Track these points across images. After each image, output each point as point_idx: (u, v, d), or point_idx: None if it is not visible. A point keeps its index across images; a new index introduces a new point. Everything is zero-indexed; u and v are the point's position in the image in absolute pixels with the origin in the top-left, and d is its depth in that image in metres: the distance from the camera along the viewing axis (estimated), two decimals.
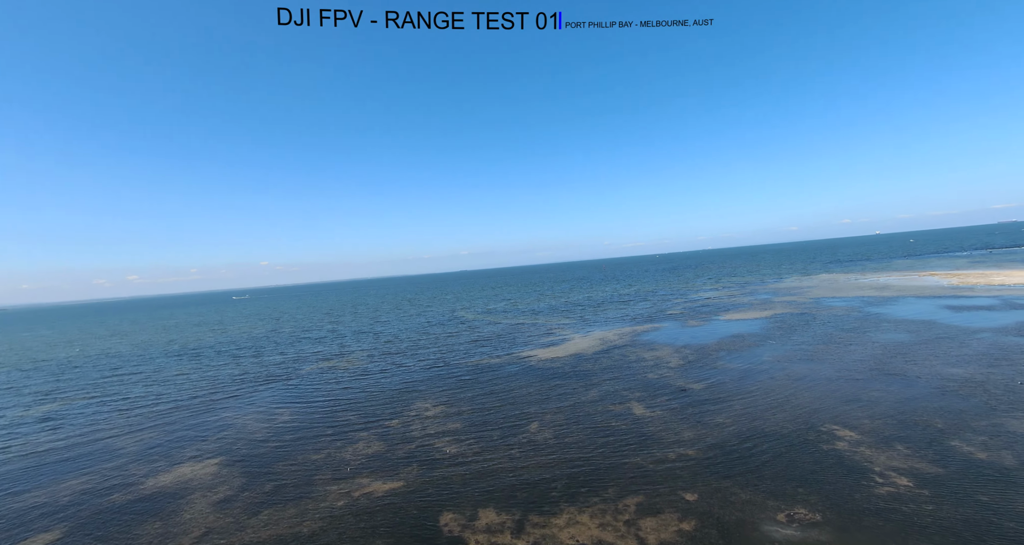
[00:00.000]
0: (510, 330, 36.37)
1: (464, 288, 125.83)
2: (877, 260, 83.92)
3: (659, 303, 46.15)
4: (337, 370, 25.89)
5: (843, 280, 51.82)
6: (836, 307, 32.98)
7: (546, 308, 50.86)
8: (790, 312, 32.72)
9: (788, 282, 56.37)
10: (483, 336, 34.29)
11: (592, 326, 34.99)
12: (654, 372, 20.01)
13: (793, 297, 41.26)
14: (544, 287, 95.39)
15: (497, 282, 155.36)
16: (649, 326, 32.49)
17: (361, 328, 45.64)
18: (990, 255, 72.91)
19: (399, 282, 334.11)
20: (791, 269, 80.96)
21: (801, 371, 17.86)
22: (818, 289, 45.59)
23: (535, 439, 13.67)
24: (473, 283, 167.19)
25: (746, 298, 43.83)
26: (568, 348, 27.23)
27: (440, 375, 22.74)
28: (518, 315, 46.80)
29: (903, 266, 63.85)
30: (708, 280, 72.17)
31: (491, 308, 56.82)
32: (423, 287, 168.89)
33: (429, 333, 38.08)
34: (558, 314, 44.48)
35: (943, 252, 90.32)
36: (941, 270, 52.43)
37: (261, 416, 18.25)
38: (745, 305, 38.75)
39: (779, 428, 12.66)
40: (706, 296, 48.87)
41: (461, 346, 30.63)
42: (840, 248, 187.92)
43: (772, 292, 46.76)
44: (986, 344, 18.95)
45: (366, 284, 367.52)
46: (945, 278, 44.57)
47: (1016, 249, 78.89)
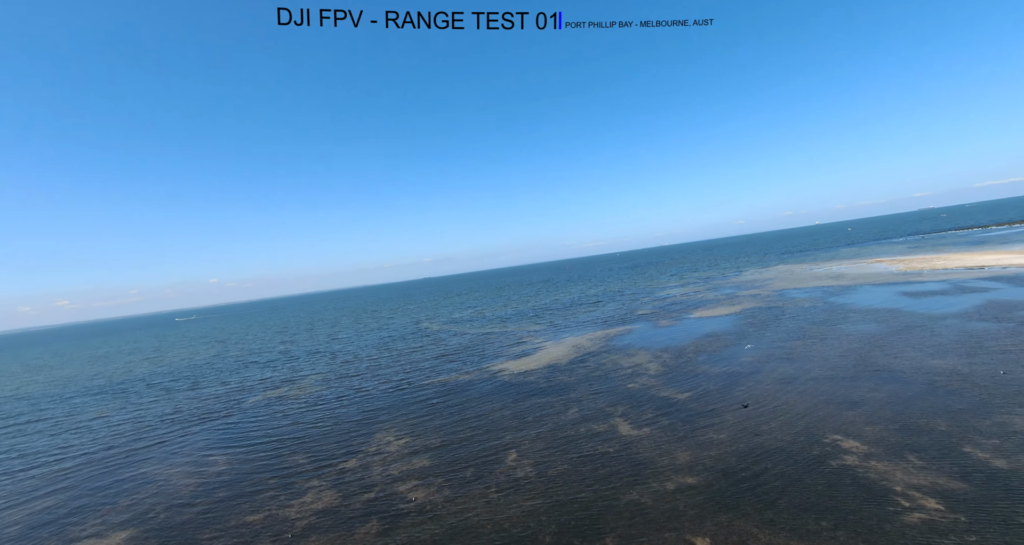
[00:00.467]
0: (478, 341, 34.48)
1: (428, 297, 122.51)
2: (825, 249, 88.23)
3: (628, 303, 45.67)
4: (286, 400, 23.10)
5: (799, 271, 53.48)
6: (800, 299, 33.35)
7: (514, 314, 49.31)
8: (757, 306, 32.76)
9: (748, 275, 57.68)
10: (450, 349, 32.21)
11: (563, 332, 33.71)
12: (635, 381, 18.79)
13: (757, 290, 41.79)
14: (510, 292, 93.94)
15: (461, 289, 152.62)
16: (622, 329, 31.56)
17: (316, 347, 42.27)
18: (922, 240, 78.19)
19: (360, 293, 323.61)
20: (748, 262, 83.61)
21: (786, 372, 17.13)
22: (778, 281, 46.59)
23: (515, 475, 11.95)
24: (437, 291, 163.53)
25: (712, 294, 44.07)
26: (541, 358, 25.71)
27: (404, 399, 20.57)
28: (486, 324, 44.96)
29: (850, 254, 67.10)
30: (672, 277, 73.14)
31: (456, 317, 54.64)
32: (385, 298, 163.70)
33: (391, 349, 35.53)
34: (527, 320, 43.01)
35: (881, 239, 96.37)
36: (885, 257, 55.21)
37: (190, 467, 15.47)
38: (712, 301, 38.76)
39: (779, 443, 11.59)
40: (673, 294, 48.93)
41: (426, 363, 28.45)
42: (787, 239, 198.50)
43: (735, 286, 47.39)
44: (955, 332, 19.02)
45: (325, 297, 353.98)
46: (892, 264, 46.70)
47: (943, 233, 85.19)
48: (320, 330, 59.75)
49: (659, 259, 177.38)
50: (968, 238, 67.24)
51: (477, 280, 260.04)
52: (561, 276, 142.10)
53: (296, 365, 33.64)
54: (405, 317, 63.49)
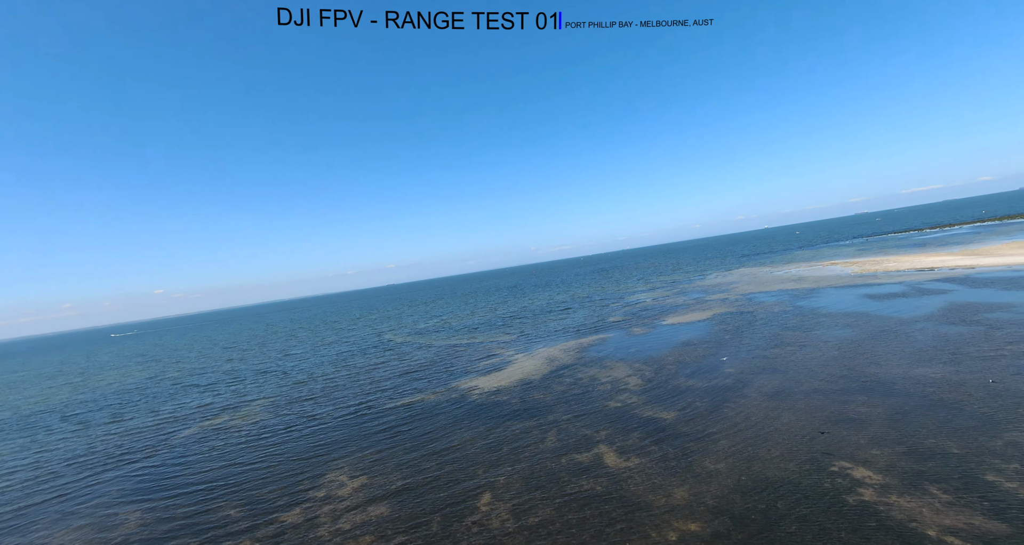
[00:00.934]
0: (446, 354, 32.37)
1: (391, 305, 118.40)
2: (780, 252, 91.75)
3: (599, 310, 44.83)
4: (225, 433, 20.21)
5: (761, 274, 54.65)
6: (768, 303, 33.43)
7: (482, 323, 47.41)
8: (728, 311, 32.53)
9: (712, 279, 58.50)
10: (415, 365, 29.94)
11: (535, 342, 32.19)
12: (616, 399, 17.44)
13: (724, 294, 41.97)
14: (477, 299, 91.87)
15: (427, 296, 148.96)
16: (595, 338, 30.40)
17: (266, 366, 38.69)
18: (867, 243, 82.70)
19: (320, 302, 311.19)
20: (710, 266, 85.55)
21: (772, 385, 16.26)
22: (742, 284, 47.19)
23: (490, 525, 10.17)
24: (401, 298, 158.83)
25: (680, 298, 43.95)
26: (513, 373, 24.02)
27: (363, 428, 18.29)
28: (452, 334, 42.82)
29: (805, 257, 69.73)
30: (639, 281, 73.50)
31: (422, 328, 52.10)
32: (346, 307, 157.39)
33: (350, 366, 32.79)
34: (496, 330, 41.24)
35: (829, 241, 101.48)
36: (838, 259, 57.46)
37: (91, 531, 12.66)
38: (682, 306, 38.44)
39: (785, 473, 10.42)
40: (642, 299, 48.61)
41: (389, 381, 26.11)
42: (742, 242, 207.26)
43: (702, 291, 47.61)
44: (930, 336, 18.91)
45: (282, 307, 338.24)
46: (846, 266, 48.39)
47: (884, 236, 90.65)
48: (273, 345, 55.44)
49: (624, 263, 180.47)
50: (908, 241, 71.49)
51: (443, 286, 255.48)
52: (528, 282, 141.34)
53: (241, 388, 30.28)
54: (366, 328, 60.15)
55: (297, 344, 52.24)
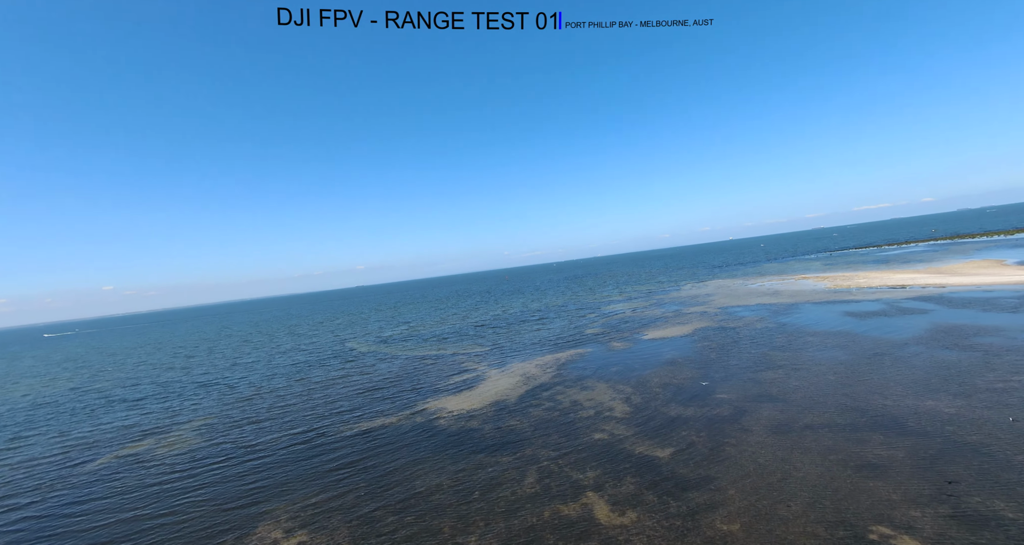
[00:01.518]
0: (412, 368, 29.79)
1: (358, 308, 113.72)
2: (749, 264, 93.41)
3: (575, 320, 43.21)
4: (142, 466, 17.06)
5: (735, 286, 54.60)
6: (748, 318, 32.61)
7: (453, 333, 44.93)
8: (709, 326, 31.47)
9: (687, 290, 58.15)
10: (378, 380, 27.25)
11: (509, 356, 30.09)
12: (601, 429, 15.54)
13: (701, 307, 41.19)
14: (447, 304, 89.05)
15: (396, 299, 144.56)
16: (573, 353, 28.60)
17: (211, 377, 34.87)
18: (831, 257, 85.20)
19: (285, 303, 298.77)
20: (682, 276, 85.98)
21: (773, 417, 14.76)
22: (719, 297, 46.73)
23: None
24: (369, 301, 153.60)
25: (658, 310, 42.92)
26: (486, 393, 21.82)
27: (311, 463, 15.64)
28: (420, 344, 40.15)
29: (774, 270, 70.79)
30: (614, 290, 72.70)
31: (388, 336, 49.06)
32: (311, 309, 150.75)
33: (306, 379, 29.69)
34: (468, 340, 38.89)
35: (795, 255, 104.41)
36: (808, 273, 58.27)
37: None
38: (661, 319, 37.29)
39: (812, 541, 8.71)
40: (619, 309, 47.39)
41: (348, 400, 23.37)
42: (710, 253, 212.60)
43: (679, 302, 46.84)
44: (928, 363, 18.01)
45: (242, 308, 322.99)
46: (817, 281, 48.82)
47: (846, 251, 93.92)
48: (223, 351, 50.94)
49: (596, 270, 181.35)
50: (870, 256, 73.86)
51: (413, 290, 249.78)
52: (500, 287, 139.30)
53: (176, 404, 26.70)
54: (329, 335, 56.42)
55: (250, 351, 48.11)
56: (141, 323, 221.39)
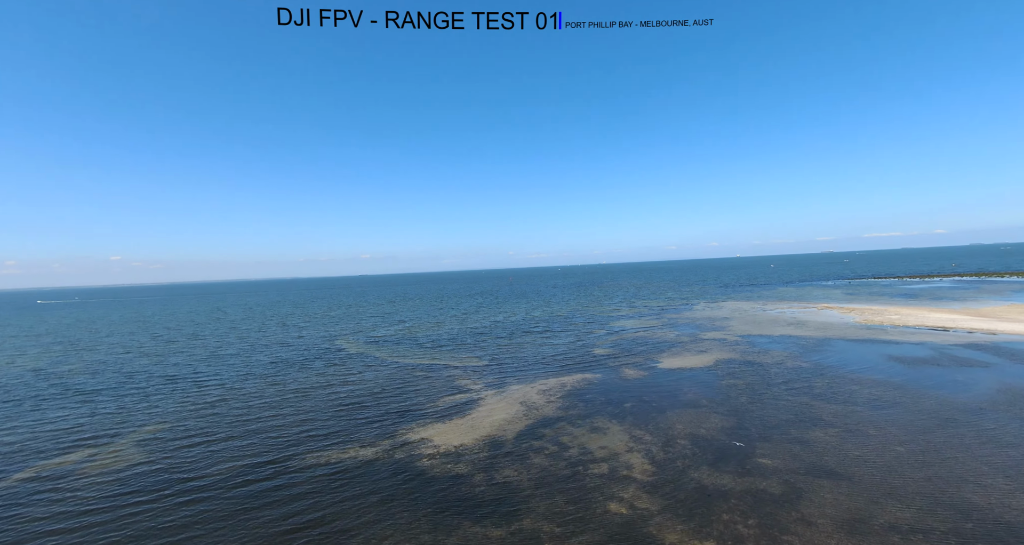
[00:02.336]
0: (401, 380, 26.83)
1: (356, 300, 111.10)
2: (763, 286, 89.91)
3: (582, 335, 40.10)
4: (60, 490, 14.15)
5: (752, 311, 51.28)
6: (775, 352, 29.41)
7: (449, 339, 41.94)
8: (732, 358, 28.31)
9: (700, 310, 54.90)
10: (360, 393, 24.31)
11: (509, 375, 27.07)
12: (617, 497, 12.48)
13: (719, 333, 38.00)
14: (448, 303, 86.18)
15: (396, 293, 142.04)
16: (581, 378, 25.53)
17: (183, 369, 32.03)
18: (851, 286, 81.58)
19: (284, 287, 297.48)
20: (693, 294, 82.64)
21: (841, 506, 11.61)
22: (736, 322, 43.47)
23: None
24: (368, 293, 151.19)
25: (671, 332, 39.74)
26: (479, 424, 18.81)
27: (258, 514, 12.66)
28: (413, 349, 37.20)
29: (792, 295, 67.33)
30: (622, 303, 69.46)
31: (381, 335, 46.16)
32: (310, 296, 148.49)
33: (282, 384, 26.80)
34: (465, 350, 35.88)
35: (810, 280, 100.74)
36: (831, 302, 54.85)
37: None
38: (676, 344, 34.13)
39: None
40: (628, 326, 44.24)
41: (320, 418, 20.43)
42: (719, 270, 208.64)
43: (694, 325, 43.62)
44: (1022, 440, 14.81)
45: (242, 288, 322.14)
46: (844, 313, 45.47)
47: (865, 280, 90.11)
48: (206, 338, 48.20)
49: (602, 279, 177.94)
50: (894, 289, 70.21)
51: (415, 283, 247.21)
52: (503, 289, 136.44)
53: (133, 403, 23.85)
54: (320, 329, 53.61)
55: (235, 341, 45.33)
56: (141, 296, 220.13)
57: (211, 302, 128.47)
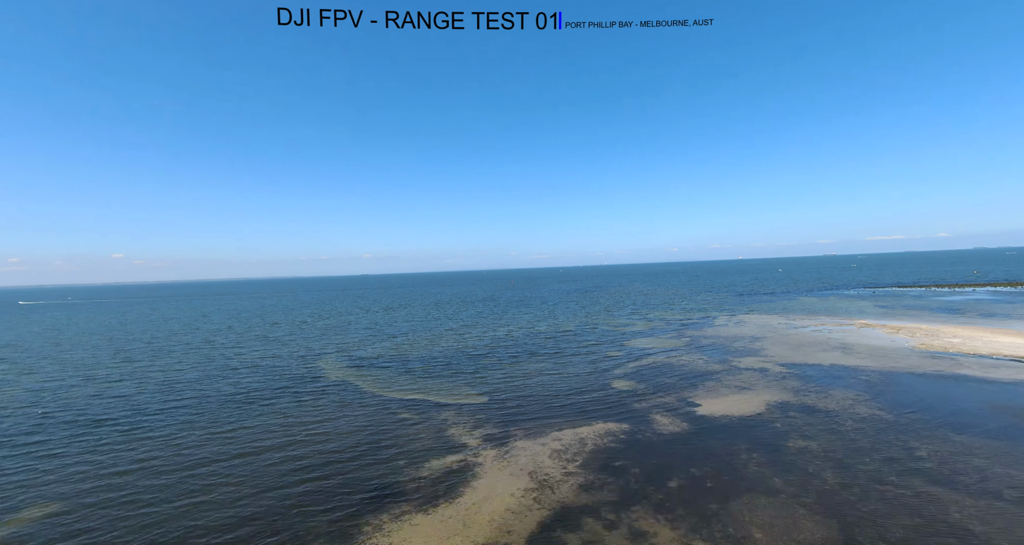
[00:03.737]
0: (377, 429, 21.62)
1: (350, 306, 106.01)
2: (782, 295, 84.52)
3: (596, 360, 34.81)
4: None
5: (783, 329, 45.96)
6: (836, 393, 24.14)
7: (443, 363, 36.70)
8: (787, 401, 23.06)
9: (722, 325, 49.59)
10: (323, 453, 19.10)
11: (512, 422, 21.85)
12: None
13: (756, 359, 32.73)
14: (446, 312, 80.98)
15: (393, 298, 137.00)
16: (602, 430, 20.28)
17: (122, 405, 26.78)
18: (876, 295, 76.23)
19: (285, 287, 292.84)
20: (707, 302, 77.28)
21: None
22: (771, 344, 38.17)
23: None
24: (365, 296, 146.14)
25: (698, 356, 34.46)
26: (472, 519, 13.57)
27: None
28: (401, 377, 31.98)
29: (818, 307, 61.94)
30: (633, 315, 64.09)
31: (367, 356, 40.99)
32: (306, 299, 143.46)
33: (234, 432, 21.61)
34: (461, 380, 30.64)
35: (828, 288, 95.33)
36: (868, 318, 49.46)
37: None
38: (708, 375, 28.88)
39: None
40: (647, 346, 38.95)
41: (264, 497, 15.21)
42: (726, 274, 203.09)
43: (720, 346, 38.32)
44: None
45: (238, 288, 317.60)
46: (890, 333, 40.17)
47: (892, 289, 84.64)
48: (172, 354, 42.99)
49: (606, 283, 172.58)
50: (929, 301, 64.77)
51: (416, 285, 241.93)
52: (506, 293, 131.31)
53: (27, 461, 18.63)
54: (301, 343, 48.43)
55: (200, 363, 40.14)
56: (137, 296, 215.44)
57: (201, 305, 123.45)
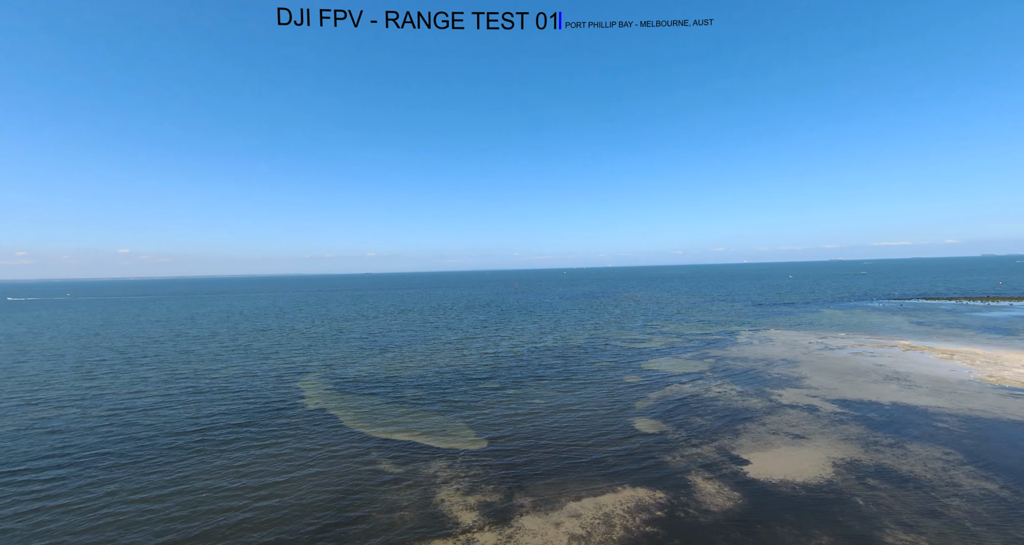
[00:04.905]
0: (348, 486, 17.22)
1: (348, 311, 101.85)
2: (802, 306, 79.72)
3: (611, 389, 30.29)
4: None
5: (816, 349, 41.29)
6: (916, 450, 19.58)
7: (437, 389, 32.30)
8: (857, 460, 18.52)
9: (746, 343, 44.95)
10: (269, 528, 14.73)
11: (516, 483, 17.40)
12: None
13: (798, 392, 28.18)
14: (446, 319, 76.65)
15: (394, 301, 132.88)
16: (631, 502, 15.79)
17: (48, 443, 22.49)
18: (904, 309, 71.39)
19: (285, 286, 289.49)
20: (725, 314, 72.51)
21: None
22: (809, 370, 33.56)
23: None
24: (366, 298, 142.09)
25: (730, 387, 29.90)
26: None
27: None
28: (387, 406, 27.60)
29: (848, 322, 57.13)
30: (645, 326, 59.46)
31: (354, 376, 36.66)
32: (302, 301, 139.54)
33: (171, 482, 17.25)
34: (455, 413, 26.19)
35: (851, 299, 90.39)
36: (911, 338, 44.69)
37: None
38: (748, 415, 24.34)
39: None
40: (668, 371, 34.39)
41: None
42: (735, 278, 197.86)
43: (753, 373, 33.71)
44: None
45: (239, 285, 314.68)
46: (944, 359, 35.49)
47: (919, 302, 79.60)
48: (135, 372, 38.74)
49: (612, 287, 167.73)
50: (967, 317, 59.81)
51: (418, 286, 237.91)
52: (508, 298, 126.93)
53: None
54: (287, 359, 44.18)
55: (163, 379, 35.91)
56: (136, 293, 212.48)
57: (195, 305, 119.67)
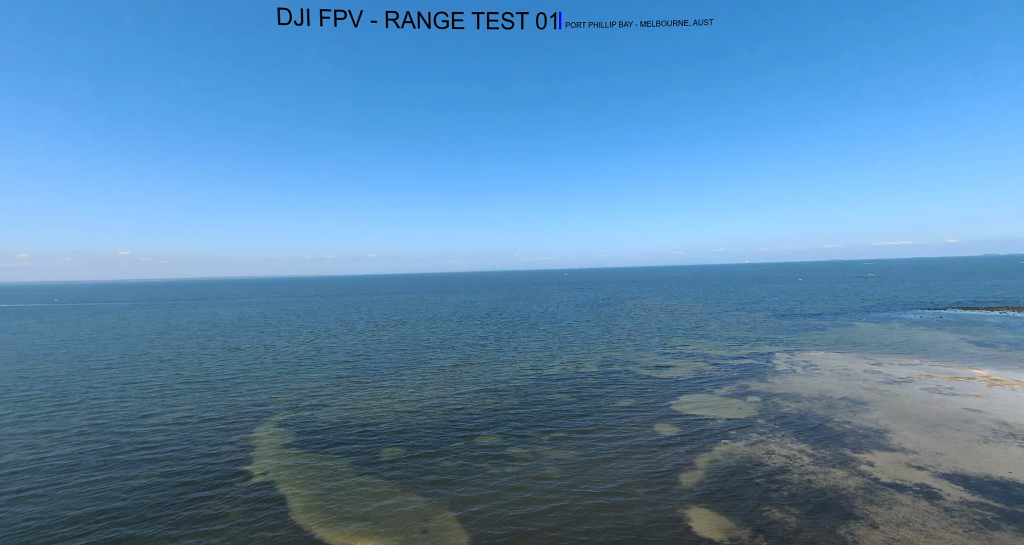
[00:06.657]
0: None
1: (338, 322, 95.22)
2: (829, 318, 73.05)
3: (642, 444, 23.57)
4: None
5: (878, 382, 34.61)
6: None
7: (422, 453, 25.72)
8: None
9: (787, 371, 38.29)
10: None
11: None
12: None
13: (894, 458, 21.55)
14: (442, 336, 70.07)
15: (388, 310, 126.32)
16: None
17: None
18: (944, 321, 64.81)
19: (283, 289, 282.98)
20: (747, 327, 65.75)
21: None
22: (887, 417, 26.93)
23: None
24: (360, 306, 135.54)
25: (798, 446, 23.24)
26: None
27: None
28: (354, 481, 20.96)
29: (893, 340, 50.41)
30: (664, 345, 52.63)
31: (322, 426, 30.07)
32: (290, 309, 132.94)
33: None
34: (443, 500, 19.58)
35: (879, 309, 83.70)
36: (982, 365, 38.04)
37: None
38: (847, 504, 17.71)
39: None
40: (705, 416, 27.69)
41: None
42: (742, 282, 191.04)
43: (813, 419, 27.06)
44: None
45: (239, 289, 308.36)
46: None
47: (958, 313, 72.84)
48: (76, 405, 32.19)
49: (618, 292, 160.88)
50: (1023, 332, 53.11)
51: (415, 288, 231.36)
52: (510, 304, 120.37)
53: None
54: (250, 390, 37.57)
55: (79, 431, 29.32)
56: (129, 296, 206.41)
57: (177, 315, 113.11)
